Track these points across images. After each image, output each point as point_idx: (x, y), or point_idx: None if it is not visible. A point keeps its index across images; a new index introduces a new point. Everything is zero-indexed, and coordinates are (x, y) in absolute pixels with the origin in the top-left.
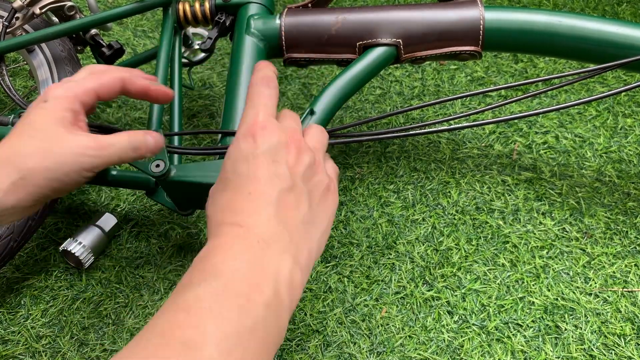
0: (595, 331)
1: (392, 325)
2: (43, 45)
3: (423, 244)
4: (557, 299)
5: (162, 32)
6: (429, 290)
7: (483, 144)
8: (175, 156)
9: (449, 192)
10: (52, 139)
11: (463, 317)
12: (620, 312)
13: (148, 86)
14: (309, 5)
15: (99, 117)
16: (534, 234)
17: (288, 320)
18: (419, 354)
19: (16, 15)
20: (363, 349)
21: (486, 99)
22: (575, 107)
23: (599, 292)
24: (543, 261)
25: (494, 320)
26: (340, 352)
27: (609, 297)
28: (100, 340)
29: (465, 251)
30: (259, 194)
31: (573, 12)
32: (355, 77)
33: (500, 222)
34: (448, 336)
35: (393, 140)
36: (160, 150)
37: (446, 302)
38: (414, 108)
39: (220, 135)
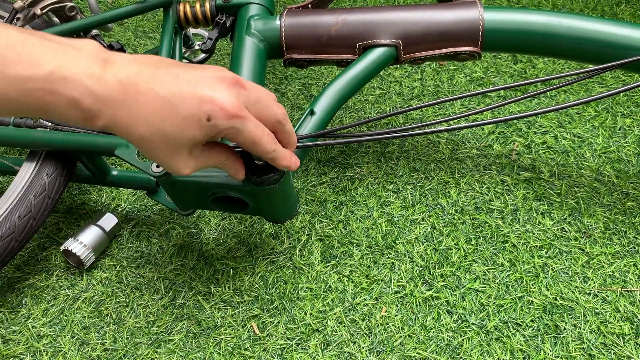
0: (594, 330)
1: (392, 325)
2: None
3: (422, 244)
4: (556, 299)
5: (162, 32)
6: (428, 290)
7: (482, 144)
8: None
9: (449, 192)
10: (160, 152)
11: (462, 316)
12: (619, 311)
13: (281, 165)
14: (309, 6)
15: None
16: (533, 233)
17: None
18: (419, 353)
19: (17, 15)
20: (363, 348)
21: (485, 100)
22: (574, 107)
23: (598, 292)
24: (542, 261)
25: (493, 319)
26: (340, 351)
27: (607, 296)
28: (101, 340)
29: (464, 251)
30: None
31: (572, 12)
32: (355, 78)
33: (500, 222)
34: (447, 335)
35: (393, 141)
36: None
37: (445, 301)
38: (413, 108)
39: None
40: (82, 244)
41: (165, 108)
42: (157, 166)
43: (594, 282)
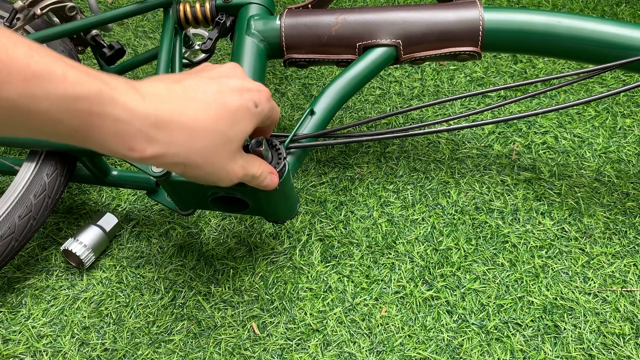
0: (594, 331)
1: (392, 325)
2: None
3: (422, 244)
4: (556, 299)
5: (162, 32)
6: (428, 290)
7: (482, 144)
8: None
9: (449, 192)
10: (220, 157)
11: (462, 316)
12: (619, 311)
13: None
14: (309, 6)
15: None
16: (533, 233)
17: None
18: (419, 353)
19: (17, 15)
20: (363, 348)
21: (485, 100)
22: (574, 107)
23: (598, 292)
24: (542, 261)
25: (493, 319)
26: (340, 352)
27: (608, 296)
28: (101, 340)
29: (464, 251)
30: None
31: (572, 12)
32: (355, 78)
33: (500, 222)
34: (447, 335)
35: (393, 141)
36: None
37: (445, 301)
38: (413, 108)
39: None
40: (82, 244)
41: (214, 109)
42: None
43: (594, 282)
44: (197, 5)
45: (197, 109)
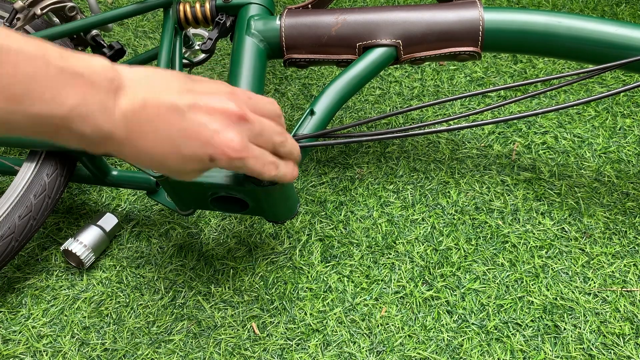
0: (594, 331)
1: (392, 325)
2: None
3: (422, 244)
4: (556, 299)
5: (162, 32)
6: (428, 290)
7: (482, 144)
8: None
9: (449, 192)
10: (171, 171)
11: (462, 316)
12: (619, 311)
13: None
14: (309, 6)
15: None
16: (533, 233)
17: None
18: (419, 353)
19: (17, 15)
20: (363, 348)
21: (485, 100)
22: (574, 107)
23: (598, 292)
24: (542, 261)
25: (493, 319)
26: (340, 352)
27: (608, 296)
28: (101, 340)
29: (464, 251)
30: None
31: (572, 12)
32: (355, 78)
33: (500, 222)
34: (447, 335)
35: (393, 141)
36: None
37: (445, 301)
38: (413, 108)
39: None
40: (82, 244)
41: (168, 146)
42: None
43: (594, 282)
44: (197, 5)
45: (155, 139)
